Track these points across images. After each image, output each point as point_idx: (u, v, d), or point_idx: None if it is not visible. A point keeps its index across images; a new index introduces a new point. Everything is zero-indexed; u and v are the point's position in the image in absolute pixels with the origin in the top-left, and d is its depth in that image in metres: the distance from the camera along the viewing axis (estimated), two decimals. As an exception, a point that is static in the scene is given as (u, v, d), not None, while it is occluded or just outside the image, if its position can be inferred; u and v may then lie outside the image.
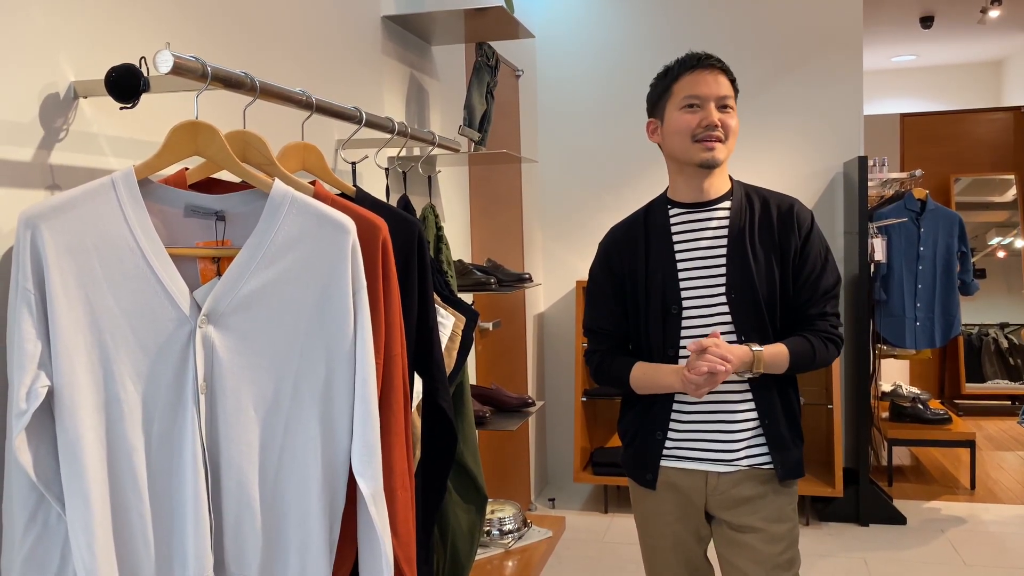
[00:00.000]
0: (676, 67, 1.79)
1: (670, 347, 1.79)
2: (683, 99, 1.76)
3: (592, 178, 4.42)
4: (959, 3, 5.45)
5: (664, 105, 1.80)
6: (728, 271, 1.76)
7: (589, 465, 4.11)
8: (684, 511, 1.83)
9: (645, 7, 4.31)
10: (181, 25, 1.55)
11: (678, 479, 1.82)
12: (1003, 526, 3.81)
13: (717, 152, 1.74)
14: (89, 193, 1.13)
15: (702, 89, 1.74)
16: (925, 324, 4.32)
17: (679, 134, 1.76)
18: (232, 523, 1.20)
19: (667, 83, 1.80)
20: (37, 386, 1.07)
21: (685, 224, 1.82)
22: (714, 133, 1.73)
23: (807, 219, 1.81)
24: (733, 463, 1.78)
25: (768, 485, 1.79)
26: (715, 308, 1.77)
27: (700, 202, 1.81)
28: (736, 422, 1.78)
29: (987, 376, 5.98)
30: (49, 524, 1.11)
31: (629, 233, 1.87)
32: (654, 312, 1.80)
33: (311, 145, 1.52)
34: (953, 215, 4.37)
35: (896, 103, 7.29)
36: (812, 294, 1.79)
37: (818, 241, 1.81)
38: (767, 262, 1.77)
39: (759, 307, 1.76)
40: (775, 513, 1.79)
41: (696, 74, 1.75)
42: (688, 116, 1.75)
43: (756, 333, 1.76)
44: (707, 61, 1.77)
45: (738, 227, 1.78)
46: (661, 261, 1.80)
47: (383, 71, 2.44)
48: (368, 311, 1.24)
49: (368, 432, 1.22)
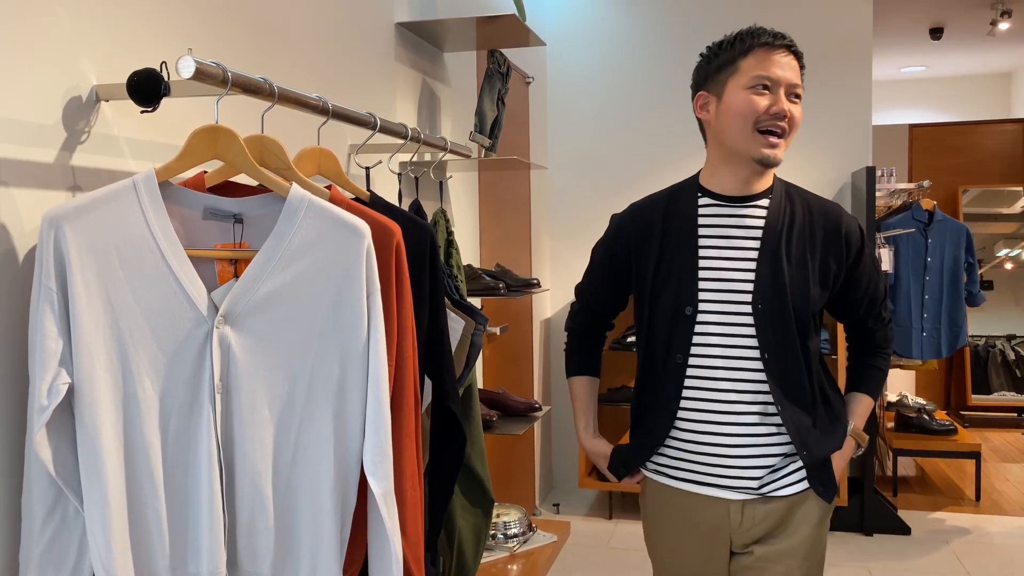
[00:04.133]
0: (747, 38, 1.55)
1: (678, 352, 1.60)
2: (753, 77, 1.53)
3: (600, 185, 4.44)
4: (969, 15, 5.46)
5: (725, 80, 1.56)
6: (757, 278, 1.57)
7: (594, 471, 4.12)
8: (709, 554, 1.64)
9: (654, 16, 4.33)
10: (200, 31, 1.57)
11: (696, 509, 1.63)
12: (1008, 538, 3.81)
13: (779, 150, 1.55)
14: (111, 195, 1.15)
15: (776, 71, 1.53)
16: (932, 335, 4.33)
17: (741, 117, 1.53)
18: (245, 521, 1.22)
19: (733, 55, 1.56)
20: (58, 383, 1.09)
21: (715, 218, 1.62)
22: (780, 124, 1.53)
23: (856, 237, 1.63)
24: (757, 491, 1.60)
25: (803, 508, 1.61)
26: (736, 317, 1.57)
27: (738, 196, 1.61)
28: (762, 445, 1.59)
29: (993, 388, 5.97)
30: (67, 519, 1.14)
31: (646, 216, 1.67)
32: (663, 310, 1.61)
33: (327, 150, 1.54)
34: (961, 226, 4.38)
35: (905, 114, 7.30)
36: (871, 307, 1.69)
37: (869, 258, 1.65)
38: (802, 274, 1.58)
39: (788, 322, 1.56)
40: (810, 543, 1.61)
41: (771, 52, 1.54)
42: (756, 98, 1.52)
43: (780, 349, 1.56)
44: (782, 40, 1.56)
45: (775, 230, 1.58)
46: (679, 255, 1.61)
47: (396, 77, 2.46)
48: (381, 313, 1.26)
49: (380, 432, 1.24)
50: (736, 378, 1.57)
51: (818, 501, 1.62)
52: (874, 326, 1.72)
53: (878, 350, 1.74)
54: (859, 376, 1.75)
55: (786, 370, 1.57)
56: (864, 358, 1.75)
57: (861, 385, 1.73)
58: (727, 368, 1.58)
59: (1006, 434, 5.70)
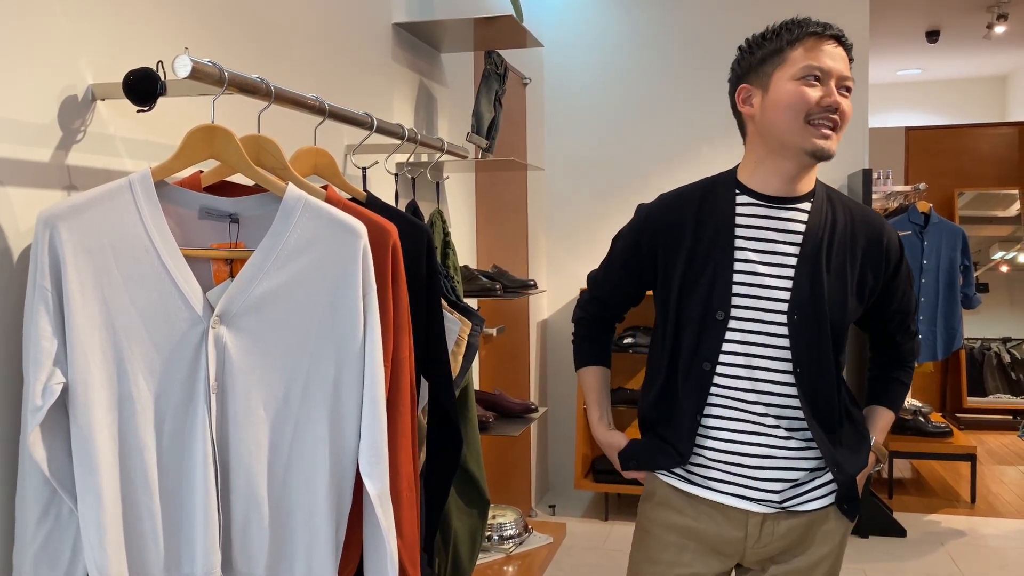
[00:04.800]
0: (795, 28, 1.48)
1: (706, 360, 1.51)
2: (803, 68, 1.45)
3: (597, 186, 4.44)
4: (965, 18, 5.48)
5: (771, 72, 1.48)
6: (794, 287, 1.49)
7: (590, 472, 4.12)
8: (705, 569, 1.57)
9: (651, 17, 4.33)
10: (196, 30, 1.57)
11: (708, 517, 1.55)
12: (1003, 540, 3.81)
13: (833, 142, 1.47)
14: (107, 194, 1.15)
15: (827, 62, 1.45)
16: (927, 337, 4.33)
17: (792, 109, 1.45)
18: (240, 521, 1.21)
19: (779, 45, 1.48)
20: (52, 383, 1.09)
21: (754, 219, 1.53)
22: (833, 116, 1.46)
23: (896, 249, 1.57)
24: (776, 504, 1.52)
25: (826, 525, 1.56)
26: (769, 326, 1.50)
27: (780, 196, 1.53)
28: (788, 459, 1.52)
29: (989, 390, 5.99)
30: (61, 519, 1.13)
31: (677, 210, 1.58)
32: (691, 315, 1.52)
33: (323, 150, 1.54)
34: (956, 229, 4.39)
35: (901, 116, 7.32)
36: (902, 321, 1.64)
37: (906, 271, 1.60)
38: (840, 286, 1.51)
39: (824, 336, 1.49)
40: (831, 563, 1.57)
41: (821, 42, 1.46)
42: (807, 90, 1.45)
43: (813, 364, 1.49)
44: (832, 31, 1.48)
45: (816, 237, 1.50)
46: (714, 256, 1.52)
47: (393, 77, 2.46)
48: (378, 314, 1.26)
49: (376, 433, 1.23)
50: (765, 390, 1.50)
51: (840, 520, 1.56)
52: (902, 339, 1.67)
53: (904, 363, 1.69)
54: (883, 389, 1.70)
55: (817, 385, 1.51)
56: (889, 371, 1.70)
57: (884, 399, 1.69)
58: (756, 379, 1.50)
59: (1001, 436, 5.71)
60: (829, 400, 1.52)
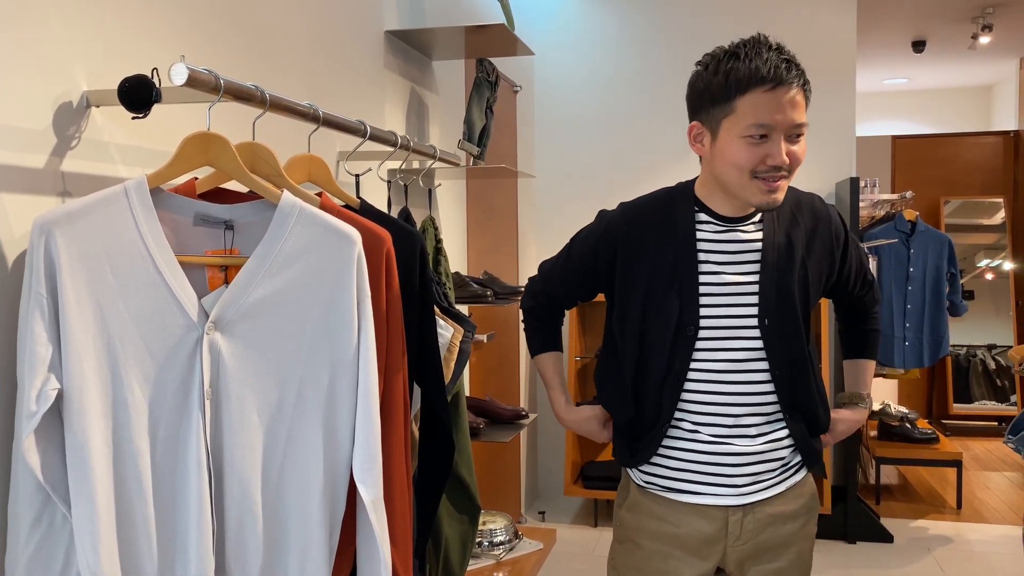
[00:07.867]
0: (744, 76, 1.41)
1: (677, 372, 1.54)
2: (748, 126, 1.42)
3: (587, 193, 4.46)
4: (951, 29, 5.54)
5: (720, 118, 1.45)
6: (761, 293, 1.52)
7: (580, 479, 4.12)
8: (691, 572, 1.58)
9: (642, 26, 4.36)
10: (190, 37, 1.58)
11: (689, 520, 1.57)
12: (989, 545, 3.84)
13: (780, 193, 1.45)
14: (102, 200, 1.15)
15: (775, 117, 1.41)
16: (914, 344, 4.37)
17: (736, 167, 1.45)
18: (234, 527, 1.22)
19: (729, 93, 1.43)
20: (47, 389, 1.09)
21: (714, 234, 1.56)
22: (780, 173, 1.44)
23: (840, 225, 1.62)
24: (754, 494, 1.56)
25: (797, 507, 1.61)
26: (741, 331, 1.52)
27: (736, 217, 1.55)
28: (764, 452, 1.56)
29: (975, 397, 6.03)
30: (54, 525, 1.13)
31: (638, 221, 1.60)
32: (657, 329, 1.54)
33: (317, 157, 1.54)
34: (943, 237, 4.43)
35: (888, 125, 7.38)
36: (862, 280, 1.72)
37: (854, 244, 1.65)
38: (803, 280, 1.55)
39: (796, 335, 1.53)
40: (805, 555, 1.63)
41: (771, 94, 1.40)
42: (754, 149, 1.42)
43: (790, 364, 1.53)
44: (788, 79, 1.41)
45: (773, 243, 1.54)
46: (679, 272, 1.53)
47: (385, 85, 2.47)
48: (372, 320, 1.26)
49: (370, 439, 1.24)
50: (741, 392, 1.53)
51: (810, 499, 1.64)
52: (863, 292, 1.75)
53: (870, 312, 1.79)
54: (862, 343, 1.80)
55: (796, 384, 1.55)
56: (860, 324, 1.80)
57: (864, 350, 1.80)
58: (731, 383, 1.53)
59: (987, 443, 5.75)
60: (808, 396, 1.58)
